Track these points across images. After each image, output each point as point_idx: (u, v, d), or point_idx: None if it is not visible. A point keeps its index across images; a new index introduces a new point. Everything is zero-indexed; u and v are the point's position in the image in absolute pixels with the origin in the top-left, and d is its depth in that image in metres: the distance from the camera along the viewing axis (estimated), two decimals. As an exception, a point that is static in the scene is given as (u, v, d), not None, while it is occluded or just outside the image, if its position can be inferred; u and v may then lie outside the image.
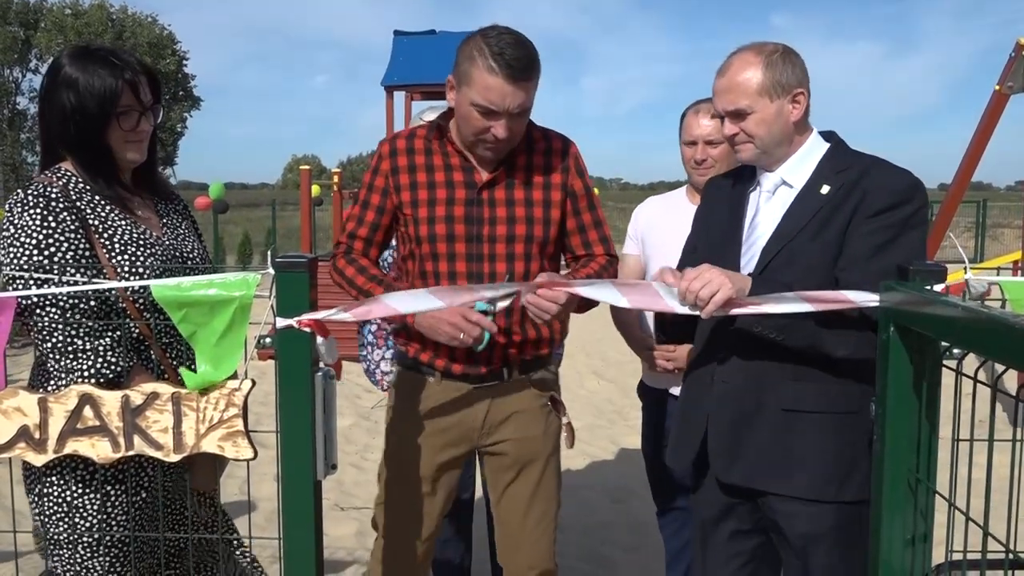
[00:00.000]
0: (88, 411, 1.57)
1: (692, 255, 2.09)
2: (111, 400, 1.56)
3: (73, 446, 1.58)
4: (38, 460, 1.60)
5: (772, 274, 1.82)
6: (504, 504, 2.22)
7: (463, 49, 2.02)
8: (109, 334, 1.76)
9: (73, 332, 1.72)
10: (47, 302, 1.71)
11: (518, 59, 1.94)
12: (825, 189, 1.84)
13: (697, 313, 1.67)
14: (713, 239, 2.01)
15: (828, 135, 1.95)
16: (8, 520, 3.83)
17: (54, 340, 1.72)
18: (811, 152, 1.91)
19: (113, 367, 1.73)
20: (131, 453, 1.57)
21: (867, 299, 1.49)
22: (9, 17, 37.72)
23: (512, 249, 2.09)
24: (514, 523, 2.20)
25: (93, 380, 1.70)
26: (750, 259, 1.89)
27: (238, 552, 2.09)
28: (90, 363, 1.72)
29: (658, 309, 1.76)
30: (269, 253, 1.49)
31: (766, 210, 1.92)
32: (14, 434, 1.58)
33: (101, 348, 1.73)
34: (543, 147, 2.16)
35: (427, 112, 2.72)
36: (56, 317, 1.71)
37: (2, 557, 3.28)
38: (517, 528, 2.20)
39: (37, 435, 1.58)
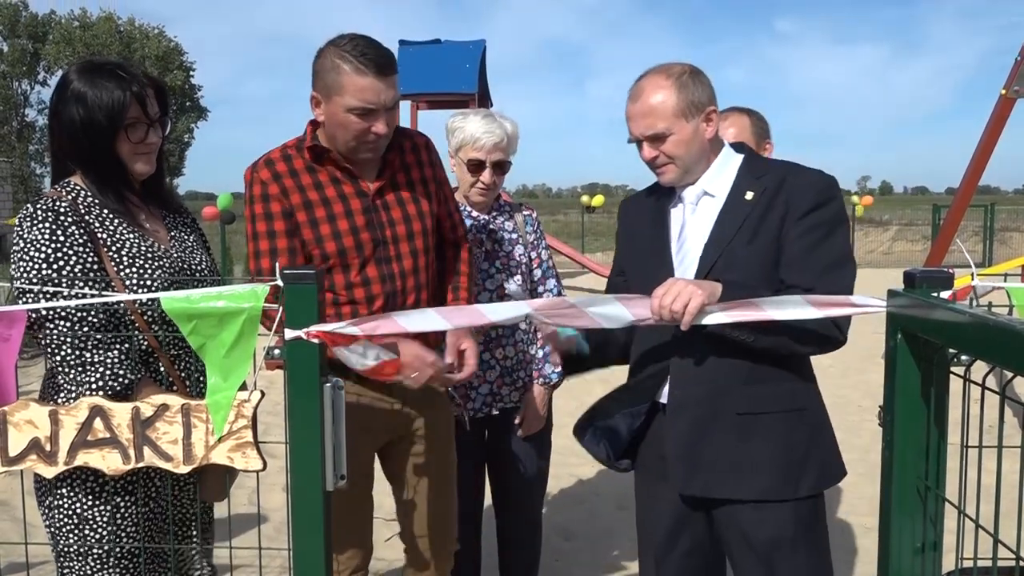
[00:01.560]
0: (98, 423, 1.57)
1: (620, 278, 2.14)
2: (121, 412, 1.57)
3: (84, 458, 1.58)
4: (49, 472, 1.60)
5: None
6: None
7: (320, 64, 2.06)
8: (117, 347, 1.77)
9: (82, 345, 1.73)
10: (56, 315, 1.72)
11: (381, 55, 2.03)
12: (749, 195, 1.90)
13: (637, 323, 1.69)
14: (641, 258, 2.04)
15: (738, 147, 2.03)
16: (20, 532, 3.85)
17: (63, 353, 1.73)
18: (727, 163, 1.97)
19: (121, 379, 1.74)
20: (141, 465, 1.58)
21: (873, 304, 1.49)
22: (18, 30, 38.04)
23: (413, 246, 2.22)
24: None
25: (101, 392, 1.71)
26: (684, 271, 1.92)
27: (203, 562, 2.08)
28: (98, 375, 1.73)
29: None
30: (277, 264, 1.50)
31: (693, 221, 1.96)
32: (25, 446, 1.59)
33: (109, 361, 1.74)
34: (409, 145, 2.28)
35: (457, 118, 2.71)
36: (65, 330, 1.73)
37: (14, 568, 3.29)
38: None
39: (48, 447, 1.59)
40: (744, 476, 1.87)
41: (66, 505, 1.80)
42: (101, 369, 1.73)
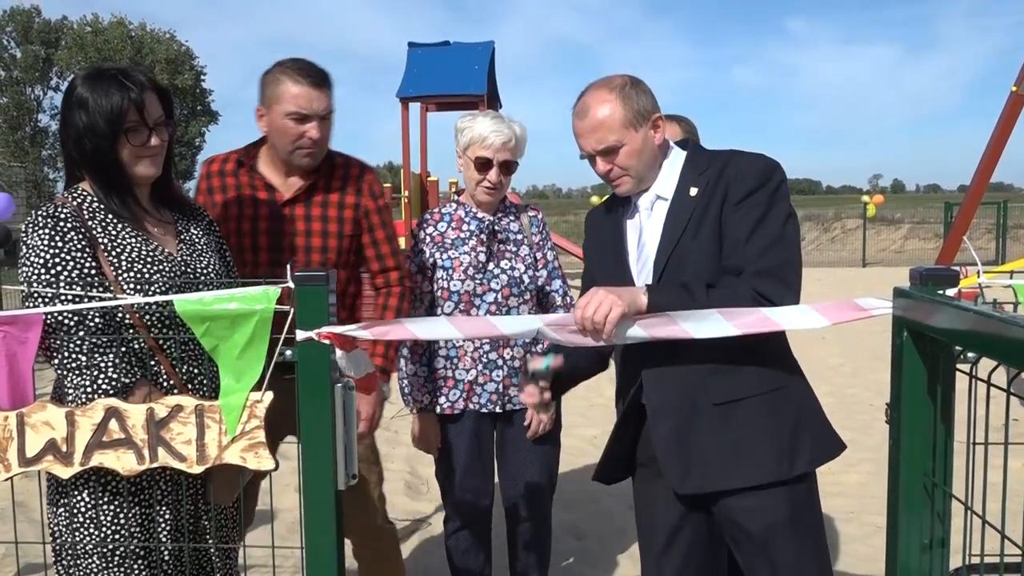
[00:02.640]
0: (114, 424, 1.60)
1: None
2: (136, 413, 1.59)
3: (99, 459, 1.61)
4: (65, 473, 1.63)
5: (668, 280, 1.89)
6: None
7: (265, 80, 2.40)
8: (114, 350, 1.79)
9: (78, 348, 1.76)
10: (54, 319, 1.75)
11: (316, 71, 2.38)
12: (693, 191, 1.92)
13: (600, 343, 1.73)
14: (606, 268, 2.06)
15: (683, 143, 2.05)
16: (37, 533, 3.89)
17: (60, 356, 1.76)
18: (674, 163, 2.00)
19: (115, 383, 1.77)
20: (155, 465, 1.60)
21: (880, 306, 1.49)
22: (31, 36, 38.31)
23: (309, 258, 2.46)
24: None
25: (96, 396, 1.73)
26: (646, 276, 1.95)
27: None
28: (93, 377, 1.76)
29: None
30: (288, 266, 1.52)
31: (649, 227, 1.99)
32: (42, 447, 1.62)
33: (104, 364, 1.77)
34: (342, 172, 2.53)
35: (466, 119, 2.75)
36: (63, 333, 1.76)
37: (32, 569, 3.33)
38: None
39: (64, 448, 1.61)
40: (735, 465, 1.88)
41: (71, 504, 1.82)
42: (96, 372, 1.76)
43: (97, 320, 1.79)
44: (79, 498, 1.82)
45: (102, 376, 1.76)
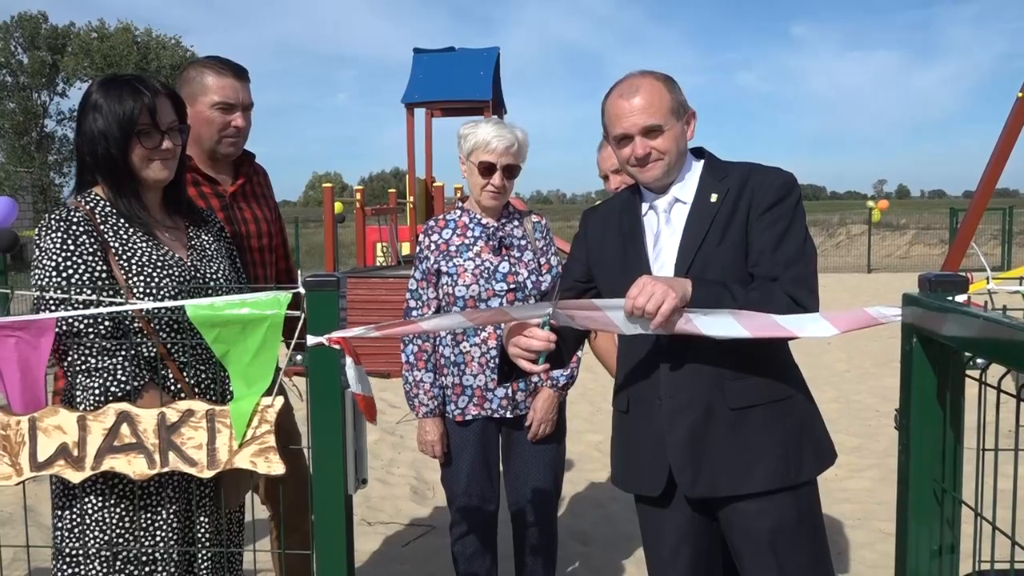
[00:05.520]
0: (125, 428, 1.61)
1: (576, 285, 2.13)
2: (147, 418, 1.60)
3: (110, 463, 1.62)
4: (76, 477, 1.63)
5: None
6: None
7: (184, 78, 2.54)
8: (122, 353, 1.81)
9: (87, 351, 1.77)
10: (66, 324, 1.76)
11: (237, 64, 2.55)
12: (714, 197, 1.96)
13: (648, 332, 1.73)
14: (614, 269, 2.05)
15: (698, 151, 2.08)
16: (46, 536, 3.90)
17: (70, 359, 1.77)
18: (691, 169, 2.03)
19: (122, 386, 1.78)
20: (166, 470, 1.60)
21: (889, 314, 1.50)
22: (38, 42, 38.46)
23: (261, 243, 2.68)
24: None
25: (106, 399, 1.74)
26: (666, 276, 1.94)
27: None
28: (101, 381, 1.77)
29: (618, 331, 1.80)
30: (298, 272, 1.53)
31: (667, 230, 2.00)
32: (54, 451, 1.62)
33: (112, 366, 1.78)
34: (261, 174, 2.80)
35: (469, 125, 2.77)
36: (74, 335, 1.77)
37: (41, 574, 3.33)
38: None
39: (76, 452, 1.62)
40: (747, 471, 1.90)
41: (78, 507, 1.83)
42: (105, 375, 1.77)
43: (107, 324, 1.80)
44: (87, 502, 1.83)
45: (111, 378, 1.77)
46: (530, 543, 2.91)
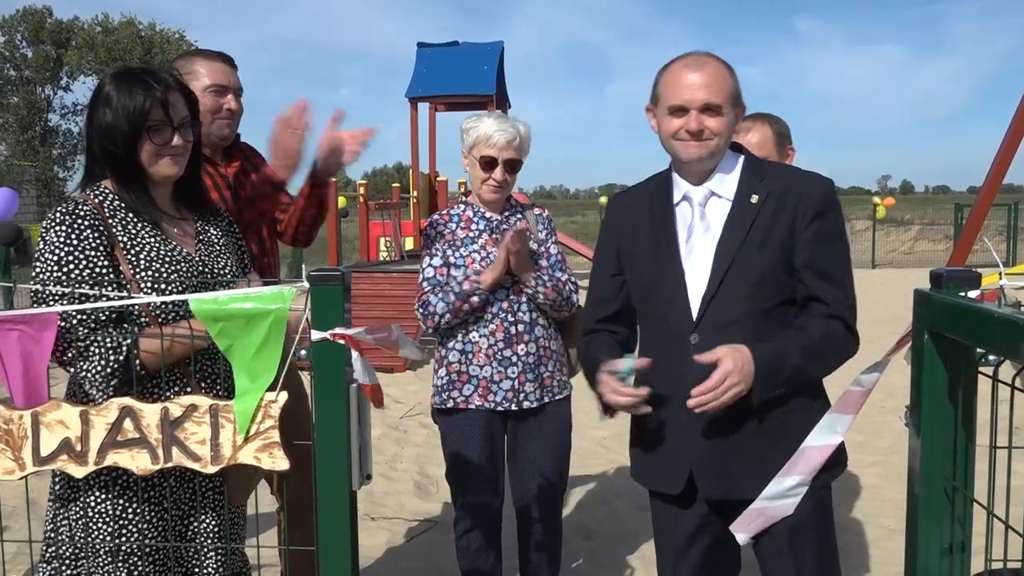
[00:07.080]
0: (128, 423, 1.59)
1: (614, 280, 2.09)
2: (151, 413, 1.59)
3: (113, 458, 1.60)
4: (79, 472, 1.62)
5: (728, 287, 1.88)
6: None
7: (176, 67, 2.54)
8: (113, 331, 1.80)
9: (83, 340, 1.76)
10: (68, 318, 1.75)
11: (224, 53, 2.67)
12: (755, 198, 1.92)
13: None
14: (645, 258, 2.01)
15: (736, 148, 2.03)
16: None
17: (71, 354, 1.77)
18: (730, 164, 1.98)
19: (119, 352, 1.76)
20: (169, 465, 1.59)
21: (867, 381, 1.62)
22: (43, 36, 38.46)
23: (268, 219, 2.77)
24: None
25: (112, 379, 1.74)
26: (697, 275, 1.92)
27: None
28: (99, 356, 1.75)
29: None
30: (303, 267, 1.51)
31: (700, 226, 1.96)
32: (56, 446, 1.61)
33: (109, 340, 1.77)
34: (252, 152, 2.83)
35: (472, 119, 2.76)
36: (71, 328, 1.76)
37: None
38: None
39: (78, 447, 1.61)
40: (764, 474, 1.86)
41: (92, 502, 1.82)
42: (100, 349, 1.76)
43: (113, 319, 1.79)
44: (91, 496, 1.82)
45: (108, 346, 1.76)
46: (535, 538, 2.90)
